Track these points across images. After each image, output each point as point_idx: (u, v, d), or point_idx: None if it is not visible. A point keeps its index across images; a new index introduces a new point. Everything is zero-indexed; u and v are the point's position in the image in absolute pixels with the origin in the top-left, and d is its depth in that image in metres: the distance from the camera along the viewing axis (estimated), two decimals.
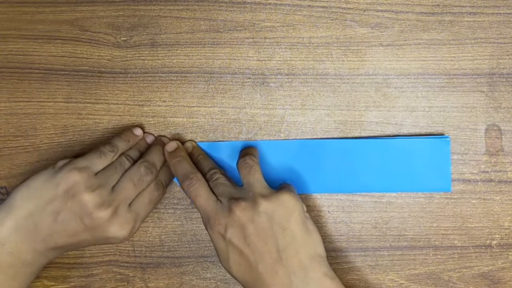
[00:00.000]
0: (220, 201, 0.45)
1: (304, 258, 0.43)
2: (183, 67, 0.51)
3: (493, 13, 0.51)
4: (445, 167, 0.50)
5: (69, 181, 0.44)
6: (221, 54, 0.51)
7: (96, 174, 0.46)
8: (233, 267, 0.44)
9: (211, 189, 0.47)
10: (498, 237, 0.51)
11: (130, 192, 0.46)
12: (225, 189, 0.46)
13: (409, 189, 0.51)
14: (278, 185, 0.49)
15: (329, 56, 0.51)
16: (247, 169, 0.47)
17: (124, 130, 0.50)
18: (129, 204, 0.47)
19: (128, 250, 0.51)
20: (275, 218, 0.44)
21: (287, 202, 0.44)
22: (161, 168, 0.49)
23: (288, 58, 0.51)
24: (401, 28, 0.51)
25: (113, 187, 0.46)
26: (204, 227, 0.49)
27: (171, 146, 0.49)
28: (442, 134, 0.51)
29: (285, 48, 0.51)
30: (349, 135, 0.51)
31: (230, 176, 0.50)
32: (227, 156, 0.51)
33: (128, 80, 0.51)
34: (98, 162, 0.46)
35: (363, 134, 0.51)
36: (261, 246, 0.43)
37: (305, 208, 0.46)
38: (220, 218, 0.44)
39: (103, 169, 0.47)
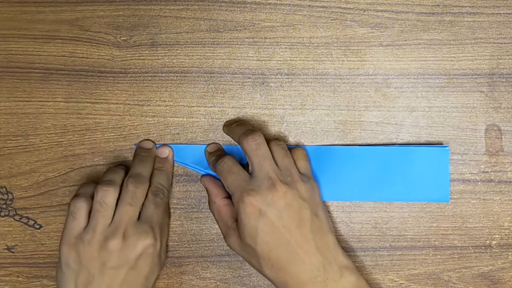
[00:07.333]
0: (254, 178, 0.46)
1: (331, 240, 0.46)
2: (183, 67, 0.51)
3: (493, 13, 0.51)
4: (443, 177, 0.50)
5: None
6: (221, 54, 0.51)
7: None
8: (260, 244, 0.44)
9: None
10: (498, 237, 0.51)
11: (130, 212, 0.46)
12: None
13: (407, 198, 0.50)
14: None
15: (329, 56, 0.51)
16: (283, 151, 0.48)
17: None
18: (138, 220, 0.47)
19: None
20: (310, 204, 0.46)
21: (318, 191, 0.48)
22: (152, 174, 0.49)
23: (288, 58, 0.51)
24: (401, 28, 0.51)
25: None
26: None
27: (212, 147, 0.50)
28: (441, 143, 0.51)
29: (285, 48, 0.51)
30: (349, 135, 0.51)
31: None
32: None
33: (128, 80, 0.51)
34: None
35: (363, 134, 0.51)
36: (294, 228, 0.44)
37: None
38: (258, 195, 0.44)
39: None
